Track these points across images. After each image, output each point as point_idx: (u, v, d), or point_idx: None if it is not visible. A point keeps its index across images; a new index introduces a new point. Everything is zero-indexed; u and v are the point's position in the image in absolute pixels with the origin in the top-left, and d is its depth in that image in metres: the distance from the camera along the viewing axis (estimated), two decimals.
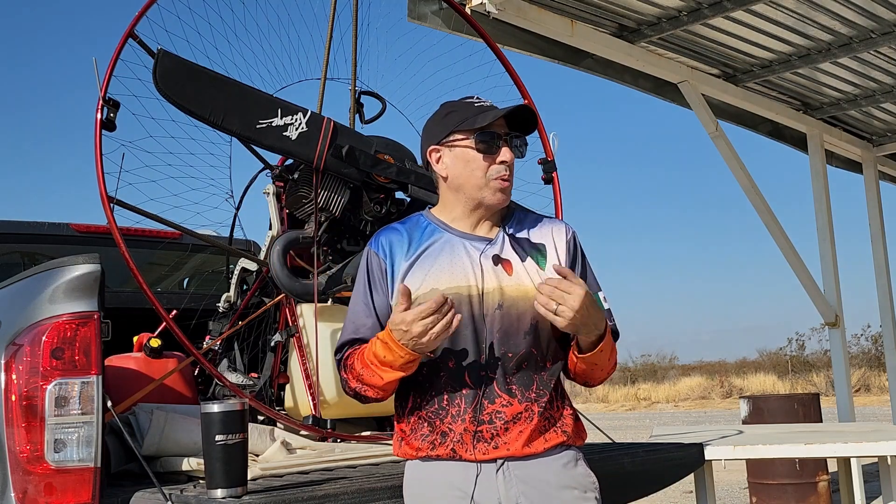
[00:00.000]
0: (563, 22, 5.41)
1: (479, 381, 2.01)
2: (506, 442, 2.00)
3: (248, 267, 3.50)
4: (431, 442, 2.02)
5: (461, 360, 2.01)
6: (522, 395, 2.02)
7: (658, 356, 37.07)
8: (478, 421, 1.99)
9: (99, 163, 2.82)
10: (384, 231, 2.17)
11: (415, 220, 2.18)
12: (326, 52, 3.50)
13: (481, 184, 2.08)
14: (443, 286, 2.02)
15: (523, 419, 2.01)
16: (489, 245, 2.10)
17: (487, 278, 2.05)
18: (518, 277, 2.07)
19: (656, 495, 3.69)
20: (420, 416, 2.05)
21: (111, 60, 2.87)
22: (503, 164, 2.07)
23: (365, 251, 2.16)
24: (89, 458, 2.35)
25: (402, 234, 2.13)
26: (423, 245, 2.10)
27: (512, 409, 2.00)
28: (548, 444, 2.03)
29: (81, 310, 2.41)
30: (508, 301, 2.03)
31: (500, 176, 2.07)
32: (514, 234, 2.14)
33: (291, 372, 3.27)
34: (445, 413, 2.01)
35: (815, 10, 5.67)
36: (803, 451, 3.66)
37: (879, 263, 8.82)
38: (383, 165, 3.27)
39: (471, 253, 2.08)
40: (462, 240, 2.10)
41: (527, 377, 2.04)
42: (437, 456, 2.01)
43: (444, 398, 2.01)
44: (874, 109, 7.86)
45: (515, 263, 2.09)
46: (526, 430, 2.00)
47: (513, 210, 2.20)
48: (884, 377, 21.65)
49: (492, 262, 2.07)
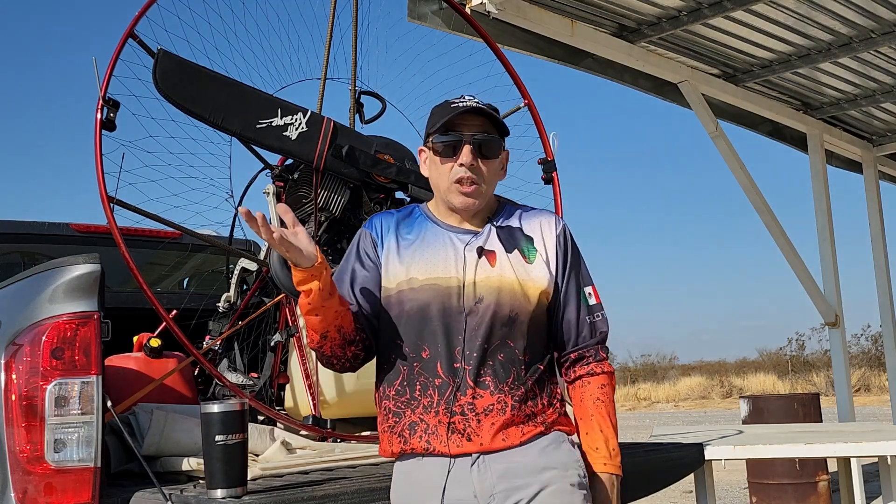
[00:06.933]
0: (563, 22, 5.41)
1: (452, 373, 1.98)
2: (478, 434, 1.96)
3: (248, 267, 3.50)
4: (400, 435, 2.00)
5: (435, 350, 2.00)
6: (495, 387, 1.99)
7: (658, 356, 37.11)
8: (450, 412, 1.97)
9: (99, 163, 2.82)
10: (379, 215, 2.20)
11: (409, 210, 2.20)
12: (326, 52, 3.50)
13: (446, 186, 2.08)
14: (423, 276, 2.02)
15: (495, 411, 1.97)
16: (474, 237, 2.09)
17: (469, 270, 2.04)
18: (501, 269, 2.05)
19: (656, 495, 3.69)
20: (388, 408, 2.04)
21: (111, 60, 2.87)
22: (462, 166, 2.04)
23: (359, 230, 2.18)
24: (89, 458, 2.35)
25: (393, 219, 2.16)
26: (411, 233, 2.11)
27: (483, 401, 1.98)
28: (525, 436, 1.99)
29: (81, 310, 2.42)
30: (489, 292, 2.02)
31: (458, 178, 2.05)
32: (501, 225, 2.13)
33: (291, 372, 3.27)
34: (417, 403, 2.00)
35: (815, 9, 5.67)
36: (803, 451, 3.66)
37: (879, 263, 8.83)
38: (383, 165, 3.27)
39: (455, 245, 2.08)
40: (448, 232, 2.10)
41: (503, 369, 2.01)
42: (411, 450, 1.99)
43: (417, 388, 2.00)
44: (874, 109, 7.86)
45: (500, 255, 2.07)
46: (498, 421, 1.97)
47: (503, 204, 2.19)
48: (884, 377, 21.66)
49: (476, 254, 2.06)
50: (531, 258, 2.09)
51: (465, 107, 2.04)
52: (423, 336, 2.00)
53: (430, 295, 2.01)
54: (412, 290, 2.02)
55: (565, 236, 2.16)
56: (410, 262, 2.06)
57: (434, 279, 2.02)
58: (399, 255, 2.08)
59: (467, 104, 2.05)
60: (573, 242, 2.18)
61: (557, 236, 2.14)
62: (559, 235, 2.14)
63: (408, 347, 2.02)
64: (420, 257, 2.06)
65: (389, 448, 2.04)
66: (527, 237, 2.12)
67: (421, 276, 2.02)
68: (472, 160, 2.04)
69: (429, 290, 2.01)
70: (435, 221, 2.13)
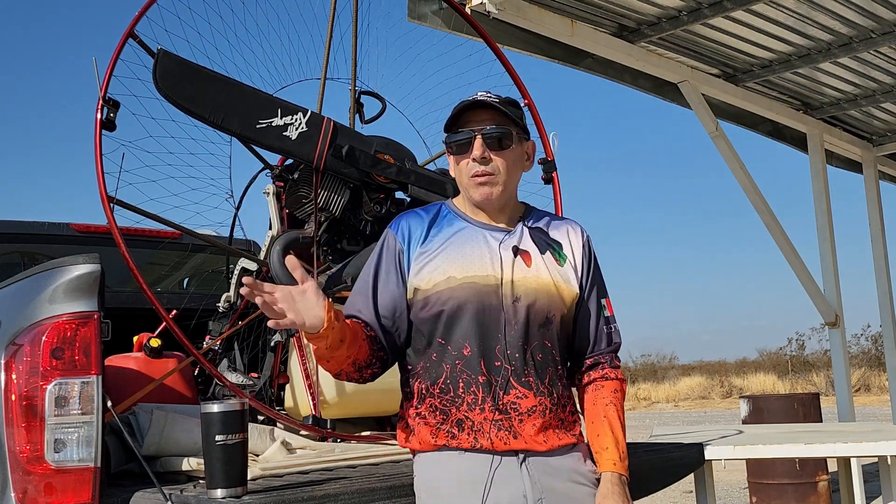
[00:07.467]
0: (563, 22, 5.41)
1: (495, 371, 2.01)
2: (521, 434, 2.00)
3: (248, 267, 3.50)
4: (448, 432, 2.01)
5: (477, 348, 2.01)
6: (536, 388, 2.03)
7: (658, 356, 37.09)
8: (496, 409, 1.99)
9: (99, 163, 2.82)
10: (406, 215, 2.18)
11: (436, 208, 2.19)
12: (326, 52, 3.50)
13: (465, 182, 2.10)
14: (461, 274, 2.03)
15: (537, 413, 2.02)
16: (508, 236, 2.11)
17: (507, 269, 2.06)
18: (537, 269, 2.08)
19: (656, 495, 3.69)
20: (433, 405, 2.04)
21: (111, 60, 2.87)
22: (474, 161, 2.06)
23: (385, 232, 2.16)
24: (89, 458, 2.35)
25: (422, 220, 2.14)
26: (442, 232, 2.11)
27: (526, 401, 2.02)
28: (561, 441, 2.05)
29: (81, 310, 2.41)
30: (527, 293, 2.05)
31: (473, 173, 2.07)
32: (532, 226, 2.15)
33: (291, 372, 3.27)
34: (461, 401, 2.01)
35: (815, 9, 5.67)
36: (803, 451, 3.65)
37: (879, 263, 8.82)
38: (383, 165, 3.27)
39: (490, 243, 2.09)
40: (482, 229, 2.11)
41: (541, 370, 2.05)
42: (456, 446, 2.00)
43: (460, 386, 2.01)
44: (874, 109, 7.86)
45: (534, 255, 2.10)
46: (538, 423, 2.02)
47: (530, 209, 2.22)
48: (884, 377, 21.66)
49: (511, 252, 2.08)
50: (562, 262, 2.13)
51: (471, 101, 2.05)
52: (464, 334, 2.02)
53: (469, 293, 2.02)
54: (450, 289, 2.03)
55: (590, 246, 2.21)
56: (446, 260, 2.06)
57: (472, 277, 2.03)
58: (433, 254, 2.07)
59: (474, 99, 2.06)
60: (595, 253, 2.22)
61: (583, 245, 2.19)
62: (585, 245, 2.19)
63: (450, 345, 2.02)
64: (456, 255, 2.06)
65: (432, 441, 2.03)
66: (556, 242, 2.15)
67: (459, 275, 2.03)
68: (484, 153, 2.05)
69: (468, 289, 2.02)
70: (465, 219, 2.13)
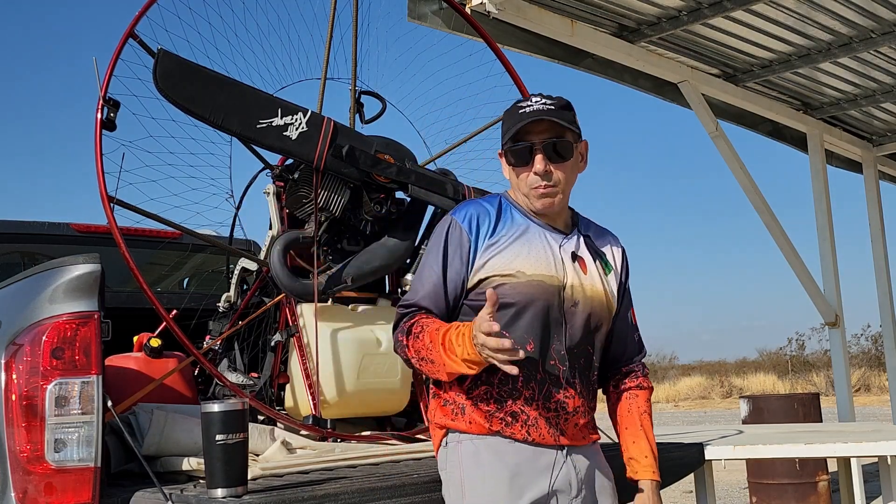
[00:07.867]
0: (563, 22, 5.41)
1: (551, 370, 2.08)
2: (565, 432, 2.09)
3: (248, 267, 3.50)
4: (502, 419, 2.06)
5: (538, 345, 2.06)
6: (580, 390, 2.12)
7: (658, 356, 37.06)
8: (548, 408, 2.07)
9: (99, 162, 2.82)
10: (470, 204, 2.18)
11: (497, 200, 2.19)
12: (326, 52, 3.49)
13: (525, 192, 2.13)
14: (530, 270, 2.06)
15: (580, 413, 2.12)
16: (566, 239, 2.16)
17: (569, 273, 2.12)
18: (591, 278, 2.15)
19: None
20: (490, 392, 2.07)
21: (111, 60, 2.87)
22: (536, 175, 2.07)
23: (447, 220, 2.16)
24: (89, 458, 2.35)
25: (488, 212, 2.14)
26: (508, 227, 2.13)
27: (573, 402, 2.11)
28: (593, 437, 2.21)
29: (81, 310, 2.41)
30: (584, 299, 2.12)
31: (535, 187, 2.09)
32: (585, 234, 2.21)
33: (291, 372, 3.27)
34: (519, 395, 2.06)
35: (815, 9, 5.67)
36: (803, 451, 3.65)
37: (879, 263, 8.82)
38: (383, 165, 3.27)
39: (551, 244, 2.13)
40: (542, 229, 2.14)
41: (584, 374, 2.15)
42: (510, 434, 2.06)
43: (519, 380, 2.05)
44: (874, 109, 7.86)
45: (589, 263, 2.17)
46: (580, 422, 2.13)
47: (577, 214, 2.26)
48: (884, 377, 21.66)
49: (570, 257, 2.13)
50: (608, 272, 2.20)
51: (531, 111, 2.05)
52: (528, 330, 2.06)
53: (537, 291, 2.06)
54: (518, 283, 2.05)
55: (626, 257, 2.28)
56: (515, 256, 2.08)
57: (539, 276, 2.07)
58: (500, 247, 2.09)
59: (532, 107, 2.06)
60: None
61: (623, 257, 2.27)
62: (623, 257, 2.27)
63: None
64: (524, 252, 2.09)
65: (486, 425, 2.07)
66: (602, 251, 2.22)
67: (528, 271, 2.07)
68: (545, 167, 2.07)
69: (536, 286, 2.06)
70: (528, 216, 2.16)
